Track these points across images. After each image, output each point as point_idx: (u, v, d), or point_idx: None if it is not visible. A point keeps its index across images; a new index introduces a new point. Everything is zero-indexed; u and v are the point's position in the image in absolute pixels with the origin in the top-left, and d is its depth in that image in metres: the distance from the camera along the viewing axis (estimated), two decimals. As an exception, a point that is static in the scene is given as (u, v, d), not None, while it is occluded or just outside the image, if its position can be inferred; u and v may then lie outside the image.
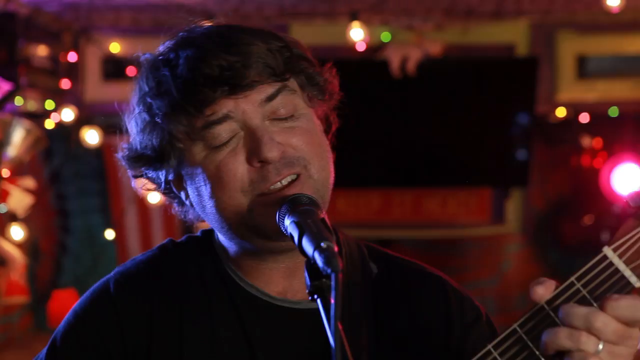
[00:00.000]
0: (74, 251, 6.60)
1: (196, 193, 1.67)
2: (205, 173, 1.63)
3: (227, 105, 1.61)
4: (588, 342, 1.35)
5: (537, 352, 1.39)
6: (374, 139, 6.28)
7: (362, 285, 1.76)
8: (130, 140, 1.72)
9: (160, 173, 1.71)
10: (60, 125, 5.56)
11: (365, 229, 6.62)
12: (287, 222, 1.49)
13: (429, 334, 1.76)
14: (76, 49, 5.83)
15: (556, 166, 6.57)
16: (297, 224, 1.46)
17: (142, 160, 1.70)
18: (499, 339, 1.41)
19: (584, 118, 6.23)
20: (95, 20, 5.85)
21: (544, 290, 1.40)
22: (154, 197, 5.32)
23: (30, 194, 5.51)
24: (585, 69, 6.21)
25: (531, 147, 6.35)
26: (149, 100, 1.65)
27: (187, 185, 1.69)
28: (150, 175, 1.73)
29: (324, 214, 1.53)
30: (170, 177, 1.71)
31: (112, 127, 1.79)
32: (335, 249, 1.37)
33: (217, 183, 1.62)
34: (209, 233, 1.82)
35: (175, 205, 1.79)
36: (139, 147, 1.69)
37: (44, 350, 1.76)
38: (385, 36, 6.13)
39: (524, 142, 6.32)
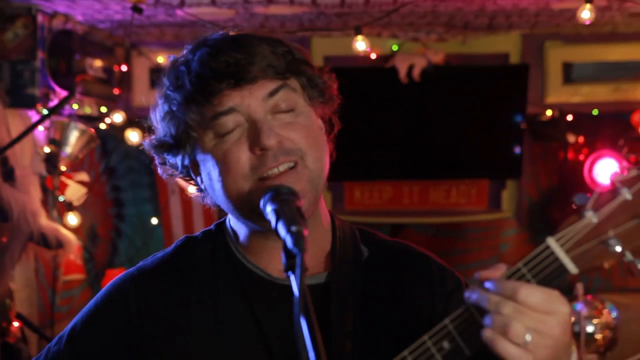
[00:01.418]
0: (127, 235, 6.66)
1: (208, 177, 1.68)
2: (214, 159, 1.65)
3: (233, 99, 1.62)
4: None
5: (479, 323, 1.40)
6: (385, 137, 6.29)
7: (352, 266, 1.76)
8: (154, 130, 1.75)
9: (178, 159, 1.73)
10: (112, 127, 5.61)
11: (378, 216, 6.64)
12: (268, 209, 1.50)
13: (414, 307, 1.75)
14: (127, 61, 5.87)
15: (546, 160, 6.54)
16: (276, 211, 1.47)
17: (163, 147, 1.73)
18: (454, 314, 1.43)
19: (570, 118, 6.18)
20: (142, 36, 5.89)
21: (490, 272, 1.41)
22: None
23: (84, 186, 5.58)
24: (570, 75, 6.15)
25: (523, 143, 6.31)
26: (168, 92, 1.68)
27: (201, 170, 1.70)
28: (171, 161, 1.75)
29: (302, 203, 1.53)
30: (186, 162, 1.73)
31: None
32: (305, 232, 1.38)
33: (224, 168, 1.63)
34: (221, 224, 1.83)
35: (196, 191, 1.80)
36: (160, 135, 1.72)
37: (68, 330, 1.80)
38: (394, 47, 6.13)
39: (517, 139, 6.29)
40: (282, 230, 1.41)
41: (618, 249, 1.36)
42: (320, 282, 1.72)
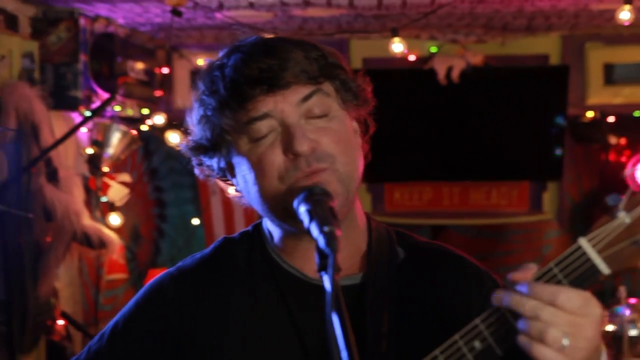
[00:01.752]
0: (170, 235, 6.74)
1: (243, 180, 1.68)
2: (249, 163, 1.65)
3: (267, 105, 1.62)
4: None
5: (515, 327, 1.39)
6: (425, 139, 6.28)
7: (388, 267, 1.75)
8: (191, 132, 1.75)
9: (214, 161, 1.73)
10: (153, 128, 5.66)
11: (418, 217, 6.63)
12: (302, 209, 1.50)
13: (450, 309, 1.74)
14: (168, 63, 5.92)
15: (587, 162, 6.48)
16: (309, 212, 1.47)
17: (199, 149, 1.73)
18: (485, 314, 1.42)
19: (611, 120, 6.13)
20: (183, 39, 5.95)
21: (521, 274, 1.40)
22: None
23: (126, 187, 5.64)
24: (611, 76, 6.10)
25: (564, 145, 6.25)
26: (203, 97, 1.69)
27: (236, 173, 1.71)
28: (207, 163, 1.75)
29: (334, 203, 1.53)
30: (222, 164, 1.73)
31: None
32: (338, 233, 1.38)
33: (259, 172, 1.63)
34: (258, 225, 1.83)
35: (232, 191, 1.80)
36: (196, 137, 1.72)
37: (109, 328, 1.82)
38: (433, 49, 6.12)
39: (558, 141, 6.24)
40: (314, 230, 1.41)
41: (650, 249, 1.34)
42: (355, 282, 1.71)
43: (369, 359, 1.61)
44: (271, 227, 1.77)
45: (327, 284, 1.32)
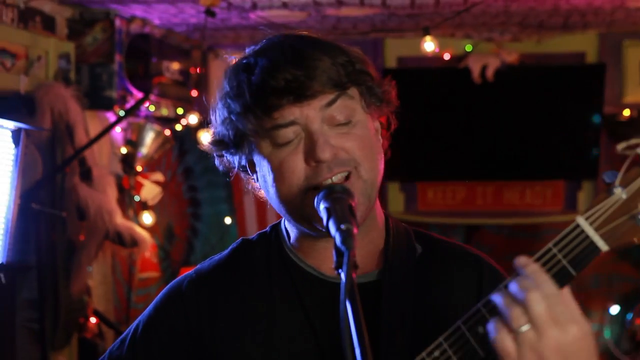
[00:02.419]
0: (203, 234, 6.74)
1: (263, 179, 1.69)
2: (271, 165, 1.65)
3: (293, 113, 1.61)
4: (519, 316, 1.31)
5: None
6: (459, 138, 6.24)
7: (405, 262, 1.75)
8: (214, 128, 1.75)
9: (235, 157, 1.74)
10: (187, 128, 5.67)
11: (452, 216, 6.59)
12: (321, 207, 1.51)
13: (464, 305, 1.67)
14: (204, 63, 5.93)
15: (624, 161, 6.33)
16: (328, 209, 1.48)
17: (221, 146, 1.74)
18: (487, 299, 1.41)
19: (649, 118, 6.03)
20: (219, 39, 5.96)
21: (525, 259, 1.37)
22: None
23: (159, 186, 5.65)
24: (649, 74, 6.01)
25: (600, 144, 6.18)
26: (228, 100, 1.67)
27: (257, 171, 1.71)
28: (228, 157, 1.76)
29: (354, 202, 1.52)
30: (243, 162, 1.73)
31: None
32: (355, 230, 1.38)
33: (279, 175, 1.63)
34: (276, 225, 1.84)
35: (251, 182, 1.80)
36: (219, 135, 1.72)
37: (129, 333, 1.82)
38: (468, 47, 6.06)
39: (594, 139, 6.16)
40: (332, 228, 1.42)
41: (648, 223, 1.34)
42: (371, 279, 1.72)
43: (384, 353, 1.62)
44: (289, 227, 1.78)
45: (343, 280, 1.32)
